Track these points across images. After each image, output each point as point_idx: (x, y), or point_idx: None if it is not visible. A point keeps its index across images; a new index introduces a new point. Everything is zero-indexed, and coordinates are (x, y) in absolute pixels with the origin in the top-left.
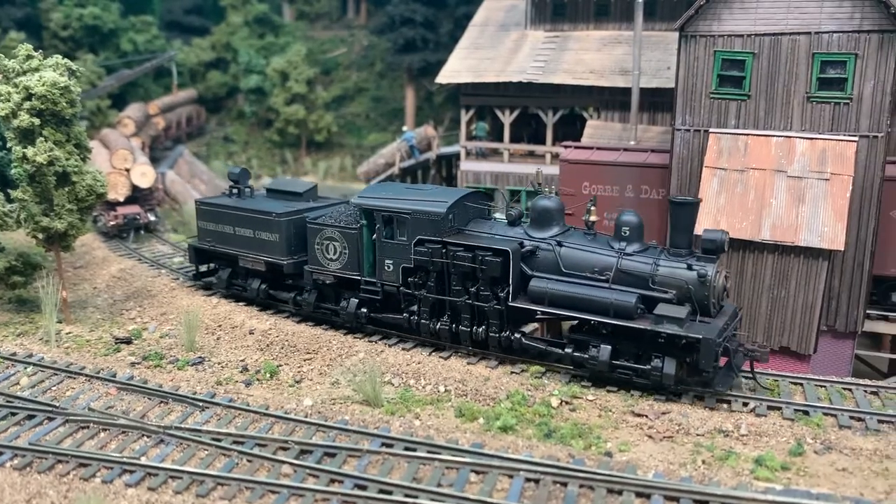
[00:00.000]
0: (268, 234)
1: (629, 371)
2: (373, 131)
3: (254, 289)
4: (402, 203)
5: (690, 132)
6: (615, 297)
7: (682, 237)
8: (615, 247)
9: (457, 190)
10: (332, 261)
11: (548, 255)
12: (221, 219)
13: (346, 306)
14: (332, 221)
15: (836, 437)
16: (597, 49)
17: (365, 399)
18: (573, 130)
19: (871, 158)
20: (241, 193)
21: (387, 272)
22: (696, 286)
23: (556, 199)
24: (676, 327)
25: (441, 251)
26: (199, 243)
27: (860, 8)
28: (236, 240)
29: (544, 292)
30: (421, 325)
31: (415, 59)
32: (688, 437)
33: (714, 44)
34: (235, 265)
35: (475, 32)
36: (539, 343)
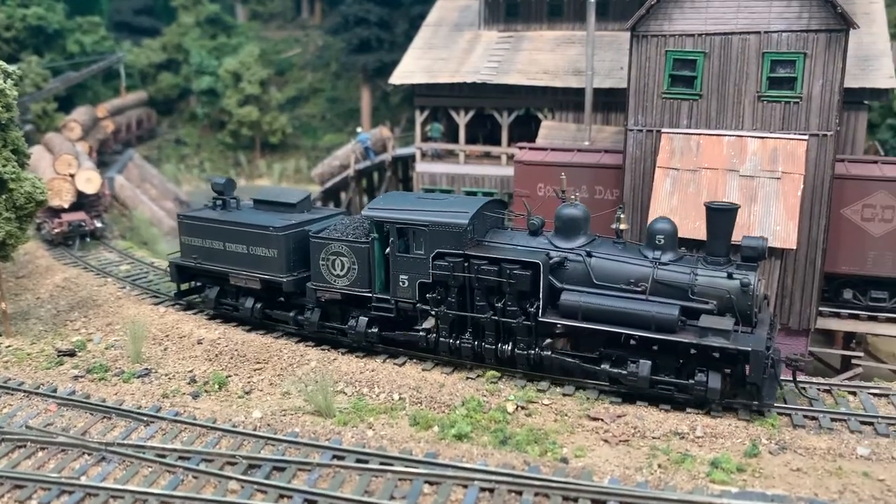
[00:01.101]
0: (264, 249)
1: (670, 387)
2: (328, 132)
3: (247, 308)
4: (418, 215)
5: (643, 132)
6: (656, 309)
7: (720, 244)
8: (649, 256)
9: (474, 199)
10: (338, 277)
11: (577, 267)
12: (209, 234)
13: (354, 325)
14: (338, 235)
15: (790, 437)
16: (550, 49)
17: (317, 409)
18: (528, 131)
19: (822, 157)
20: (227, 205)
21: (401, 288)
22: (738, 295)
23: (582, 206)
24: (723, 340)
25: (463, 265)
26: (183, 260)
27: (808, 7)
28: (227, 256)
29: (577, 306)
30: (440, 344)
31: (370, 60)
32: (644, 441)
33: (665, 43)
34: (224, 283)
35: (429, 32)
36: (572, 359)
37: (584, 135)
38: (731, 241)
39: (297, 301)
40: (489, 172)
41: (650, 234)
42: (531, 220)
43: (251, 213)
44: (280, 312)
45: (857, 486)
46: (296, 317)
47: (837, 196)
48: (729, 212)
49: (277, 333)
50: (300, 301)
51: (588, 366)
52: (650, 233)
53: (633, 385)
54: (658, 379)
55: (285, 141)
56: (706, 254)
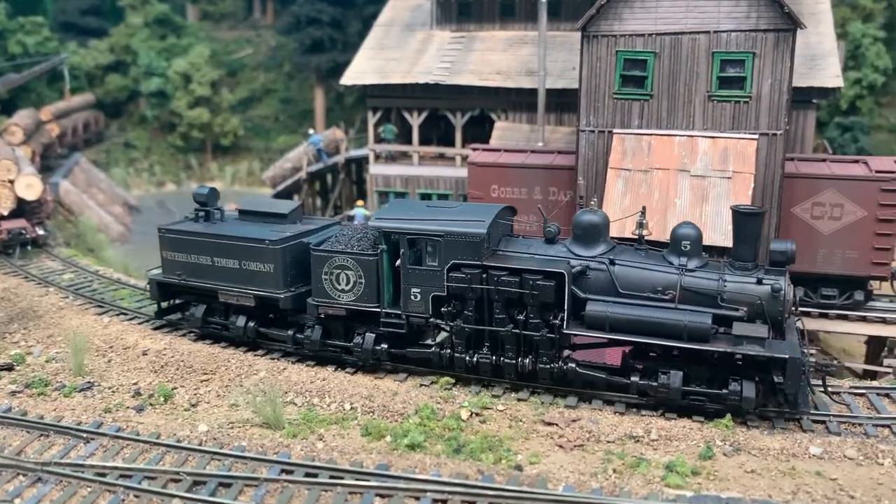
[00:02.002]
0: (259, 264)
1: (703, 397)
2: (282, 134)
3: (239, 327)
4: (431, 224)
5: (595, 133)
6: (688, 318)
7: (747, 249)
8: (675, 263)
9: (487, 206)
10: (343, 292)
11: (600, 276)
12: (195, 248)
13: (360, 343)
14: (342, 247)
15: (744, 438)
16: (503, 49)
17: (265, 421)
18: (482, 132)
19: (772, 156)
20: (210, 217)
21: (413, 302)
22: (769, 301)
23: (602, 213)
24: (759, 348)
25: (481, 276)
26: (165, 277)
27: (756, 7)
28: (216, 272)
29: (604, 317)
30: (455, 360)
31: (323, 60)
32: (598, 445)
33: (616, 44)
34: (213, 301)
35: (380, 32)
36: (598, 372)
37: (538, 135)
38: (758, 245)
39: (295, 318)
40: (444, 174)
41: (675, 240)
42: (548, 228)
43: (240, 225)
44: (276, 331)
45: (810, 487)
46: (294, 335)
47: (788, 195)
48: (756, 216)
49: (225, 343)
50: (298, 318)
51: (615, 378)
52: (675, 238)
53: (664, 397)
54: (690, 390)
55: (237, 143)
56: (732, 259)
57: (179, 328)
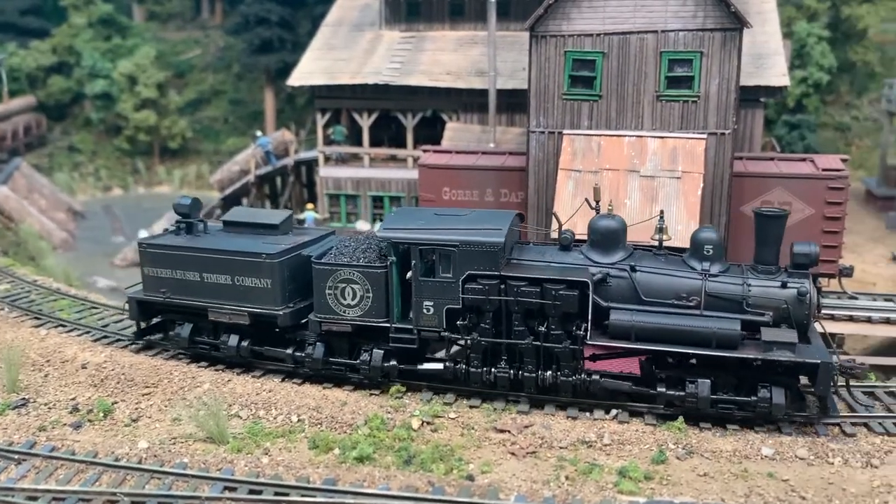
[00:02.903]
0: (255, 279)
1: (732, 405)
2: (231, 136)
3: (231, 346)
4: (444, 234)
5: (545, 134)
6: (717, 325)
7: (769, 252)
8: (698, 268)
9: (499, 213)
10: (349, 307)
11: (621, 283)
12: (181, 263)
13: (368, 360)
14: (347, 260)
15: (696, 441)
16: (453, 49)
17: (209, 436)
18: (434, 133)
19: (720, 155)
20: (193, 230)
21: (426, 316)
22: (795, 305)
23: (619, 218)
24: (789, 353)
25: (499, 287)
26: (147, 295)
27: (703, 6)
28: (205, 288)
29: (629, 326)
30: (471, 375)
31: (272, 60)
32: (551, 452)
33: (564, 44)
34: (201, 319)
35: (329, 32)
36: (622, 384)
37: (490, 136)
38: (780, 248)
39: (293, 335)
40: (395, 176)
41: (696, 244)
42: (563, 235)
43: (228, 237)
44: (274, 349)
45: (762, 489)
46: (294, 354)
47: (737, 194)
48: (779, 218)
49: (166, 355)
50: (297, 335)
51: (641, 389)
52: (696, 242)
53: (692, 407)
54: (719, 398)
55: (186, 146)
56: (754, 262)
57: (121, 340)
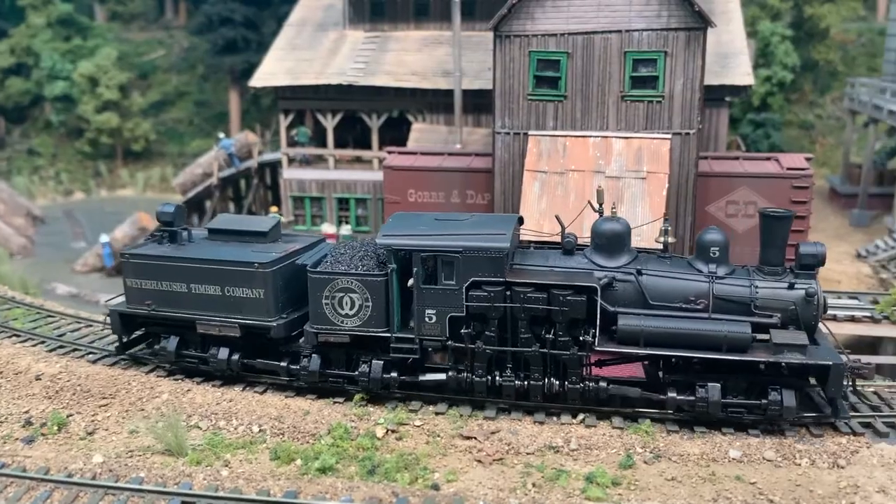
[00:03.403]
0: (247, 289)
1: (742, 409)
2: (196, 137)
3: (221, 360)
4: (447, 240)
5: (510, 135)
6: (728, 328)
7: (776, 253)
8: (704, 270)
9: (501, 218)
10: (347, 317)
11: (627, 287)
12: (167, 274)
13: (367, 371)
14: (344, 268)
15: (664, 444)
16: (418, 50)
17: (167, 448)
18: (400, 134)
19: (685, 155)
20: (177, 238)
21: (428, 325)
22: (803, 306)
23: (624, 220)
24: (800, 356)
25: (504, 294)
26: (130, 307)
27: (666, 6)
28: (193, 300)
29: (639, 331)
30: (476, 384)
31: (237, 61)
32: (518, 458)
33: (529, 44)
34: (188, 332)
35: (292, 32)
36: (631, 390)
37: (456, 137)
38: (786, 249)
39: (286, 347)
40: (361, 177)
41: (702, 246)
42: (566, 239)
43: (216, 246)
44: (267, 362)
45: (730, 492)
46: (289, 366)
47: (702, 193)
48: (785, 219)
49: (126, 364)
50: (289, 347)
51: (650, 394)
52: (702, 244)
53: (703, 412)
54: (730, 402)
55: (149, 148)
56: (760, 263)
57: (78, 350)
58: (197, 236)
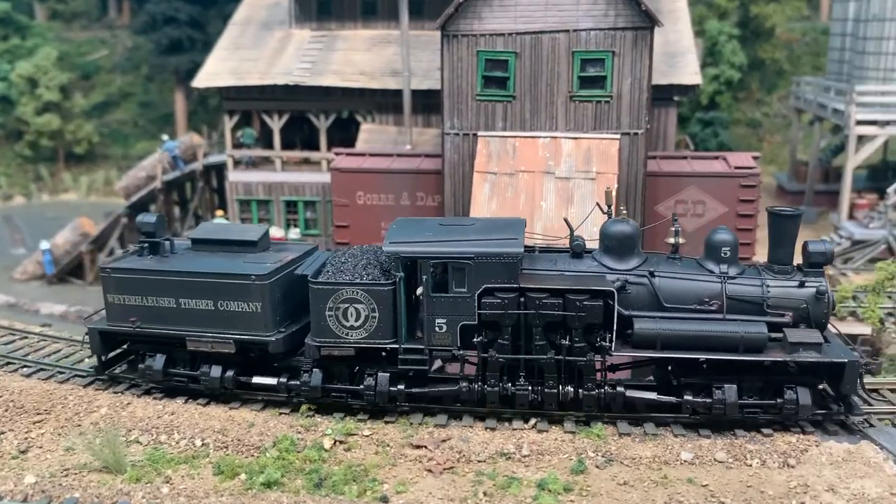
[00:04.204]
0: (243, 303)
1: (758, 409)
2: (142, 140)
3: (214, 378)
4: (457, 246)
5: (459, 136)
6: (745, 329)
7: (785, 252)
8: (716, 271)
9: (509, 221)
10: (352, 329)
11: (640, 290)
12: (153, 289)
13: (373, 384)
14: (348, 278)
15: (616, 448)
16: (366, 49)
17: (105, 466)
18: (349, 134)
19: (634, 155)
20: (159, 250)
21: (438, 334)
22: (813, 304)
23: (633, 222)
24: (816, 354)
25: (518, 300)
26: (112, 325)
27: (613, 5)
28: (182, 316)
29: (655, 335)
30: (488, 394)
31: (182, 61)
32: (469, 466)
33: (476, 43)
34: (175, 349)
35: (236, 31)
36: (647, 394)
37: (406, 138)
38: (794, 247)
39: (284, 362)
40: (309, 180)
41: (712, 246)
42: (575, 242)
43: (203, 258)
44: (264, 379)
45: (682, 496)
46: (288, 382)
47: (651, 193)
48: (795, 217)
49: (62, 377)
50: (287, 362)
51: (667, 398)
52: (712, 244)
53: (720, 414)
54: (746, 403)
55: (93, 151)
56: (769, 262)
57: (11, 363)
58: (180, 247)
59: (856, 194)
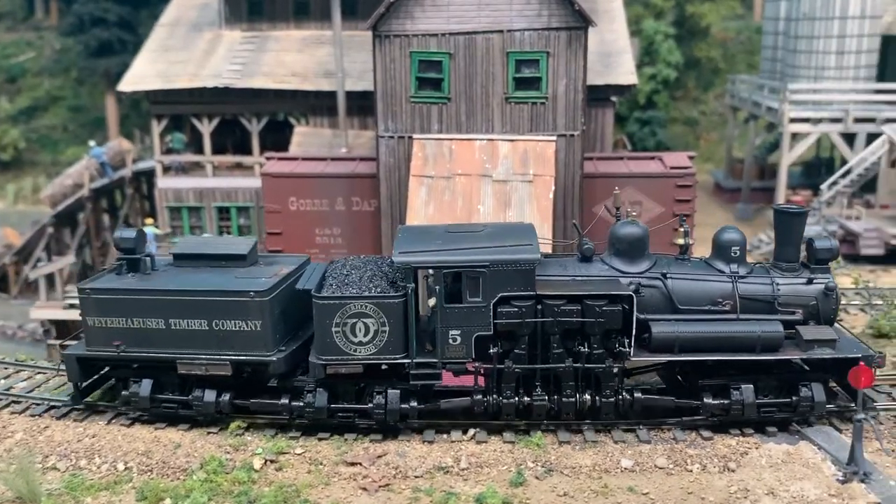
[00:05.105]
0: (241, 321)
1: (773, 407)
2: (72, 145)
3: (208, 403)
4: (471, 254)
5: (394, 139)
6: (761, 328)
7: (791, 250)
8: (726, 271)
9: (520, 226)
10: (361, 345)
11: (654, 293)
12: (139, 309)
13: (383, 402)
14: (355, 291)
15: (555, 457)
16: (298, 50)
17: (18, 496)
18: (283, 137)
19: (571, 157)
20: (141, 267)
21: (452, 347)
22: (822, 301)
23: (643, 225)
24: (830, 350)
25: (535, 308)
26: (92, 350)
27: (547, 5)
28: (172, 337)
29: (674, 338)
30: (504, 406)
31: (112, 63)
32: (406, 482)
33: (409, 44)
34: (164, 374)
35: (164, 33)
36: (665, 399)
37: (341, 141)
38: (801, 245)
39: (284, 383)
40: (242, 185)
41: (722, 246)
42: (585, 245)
43: (191, 274)
44: (264, 402)
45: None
46: (291, 404)
47: (589, 195)
48: (801, 215)
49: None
50: (287, 382)
51: (685, 402)
52: (722, 244)
53: (738, 415)
54: (764, 402)
55: (20, 157)
56: (776, 260)
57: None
58: (161, 263)
59: (791, 191)
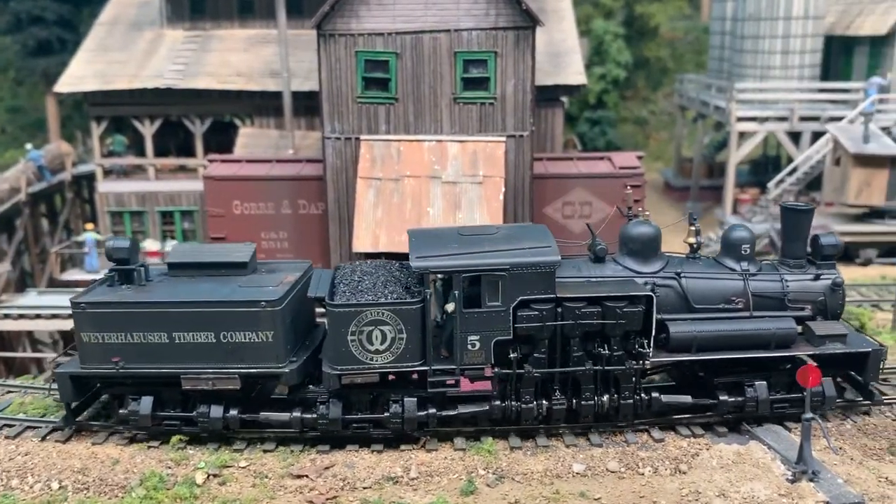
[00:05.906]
0: (251, 333)
1: (785, 404)
2: (10, 148)
3: (215, 419)
4: (489, 257)
5: (341, 140)
6: (776, 325)
7: (798, 246)
8: (737, 269)
9: (535, 228)
10: (378, 353)
11: (668, 292)
12: (139, 323)
13: (400, 412)
14: (371, 297)
15: (507, 464)
16: (243, 49)
17: None
18: (227, 139)
19: (520, 157)
20: (136, 279)
21: (470, 352)
22: (830, 296)
23: (655, 224)
24: (841, 345)
25: (555, 311)
26: (88, 367)
27: (494, 5)
28: (176, 351)
29: (692, 337)
30: (523, 412)
31: (52, 63)
32: (354, 494)
33: (355, 43)
34: (165, 389)
35: (103, 32)
36: (683, 398)
37: (288, 142)
38: (807, 242)
39: (295, 395)
40: (186, 188)
41: (731, 244)
42: (598, 246)
43: (190, 284)
44: (274, 415)
45: None
46: (303, 417)
47: (539, 196)
48: (807, 212)
49: None
50: (298, 394)
51: (702, 401)
52: (731, 242)
53: (752, 412)
54: (776, 398)
55: None
56: (782, 257)
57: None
58: (155, 273)
59: (739, 189)
